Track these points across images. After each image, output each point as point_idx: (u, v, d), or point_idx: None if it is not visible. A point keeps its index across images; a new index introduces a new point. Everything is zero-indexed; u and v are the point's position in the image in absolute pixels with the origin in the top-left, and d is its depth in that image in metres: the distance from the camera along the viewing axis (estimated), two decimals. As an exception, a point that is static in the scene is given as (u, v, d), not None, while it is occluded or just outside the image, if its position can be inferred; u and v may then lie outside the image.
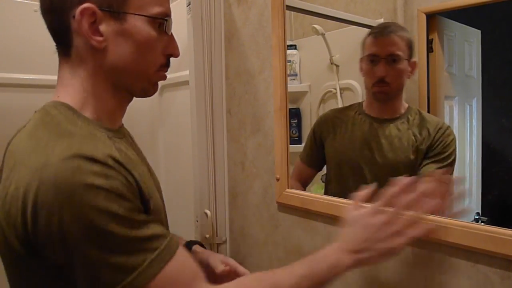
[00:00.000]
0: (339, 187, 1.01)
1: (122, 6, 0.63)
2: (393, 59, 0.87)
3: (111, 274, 0.52)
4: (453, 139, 0.81)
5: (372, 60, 0.90)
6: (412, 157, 0.86)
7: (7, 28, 1.32)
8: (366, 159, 0.93)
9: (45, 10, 0.63)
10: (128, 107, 0.87)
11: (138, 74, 0.68)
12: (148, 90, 0.71)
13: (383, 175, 0.82)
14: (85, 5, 0.60)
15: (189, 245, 0.91)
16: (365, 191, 0.72)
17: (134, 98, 0.77)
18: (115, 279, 0.52)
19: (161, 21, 0.66)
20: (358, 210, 0.69)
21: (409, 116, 0.88)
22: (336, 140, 1.02)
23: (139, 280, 0.52)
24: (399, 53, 0.86)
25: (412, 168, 0.85)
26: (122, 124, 0.75)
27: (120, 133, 0.71)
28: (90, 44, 0.62)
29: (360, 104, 1.00)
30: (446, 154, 0.81)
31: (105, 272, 0.52)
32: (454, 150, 0.80)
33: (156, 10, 0.65)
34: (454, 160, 0.80)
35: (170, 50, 0.70)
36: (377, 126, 0.93)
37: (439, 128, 0.82)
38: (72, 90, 0.65)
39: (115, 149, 0.58)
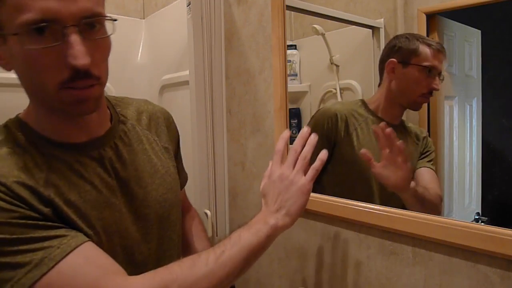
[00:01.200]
0: (358, 189, 0.97)
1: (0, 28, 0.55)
2: (440, 77, 0.86)
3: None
4: (431, 141, 0.88)
5: (430, 71, 0.86)
6: (416, 158, 0.89)
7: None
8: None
9: None
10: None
11: (41, 95, 0.59)
12: (66, 110, 0.60)
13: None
14: None
15: None
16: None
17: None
18: (4, 276, 0.52)
19: (38, 28, 0.52)
20: (270, 173, 0.75)
21: (405, 124, 0.92)
22: (358, 142, 0.97)
23: (27, 279, 0.52)
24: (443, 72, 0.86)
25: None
26: (108, 132, 0.69)
27: (81, 147, 0.65)
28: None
29: (364, 103, 0.98)
30: (429, 150, 0.87)
31: None
32: (432, 146, 0.87)
33: (20, 20, 0.52)
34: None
35: (66, 61, 0.54)
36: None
37: (422, 131, 0.89)
38: (27, 108, 0.65)
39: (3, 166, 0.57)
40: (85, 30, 0.56)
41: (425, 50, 0.87)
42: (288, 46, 1.06)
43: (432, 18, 0.83)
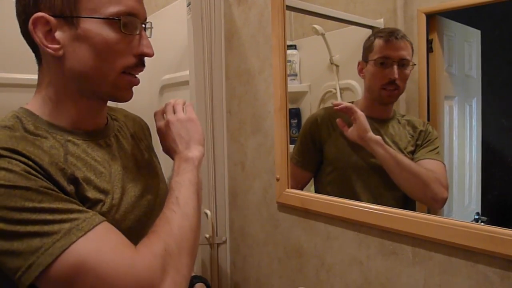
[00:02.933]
0: (343, 188, 1.00)
1: (74, 10, 0.62)
2: (403, 63, 0.88)
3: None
4: (433, 130, 0.89)
5: (382, 62, 0.90)
6: (411, 151, 0.90)
7: (7, 28, 1.32)
8: (374, 157, 0.94)
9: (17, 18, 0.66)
10: (127, 108, 0.88)
11: (98, 78, 0.66)
12: (114, 95, 0.69)
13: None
14: (37, 14, 0.61)
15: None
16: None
17: (134, 98, 0.76)
18: (30, 247, 0.53)
19: (122, 21, 0.63)
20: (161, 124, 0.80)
21: (398, 117, 0.94)
22: (339, 141, 1.01)
23: (55, 248, 0.52)
24: (408, 58, 0.87)
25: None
26: (107, 125, 0.75)
27: (91, 135, 0.70)
28: (48, 52, 0.63)
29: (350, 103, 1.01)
30: (431, 140, 0.89)
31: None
32: (437, 138, 0.88)
33: (111, 10, 0.63)
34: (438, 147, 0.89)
35: (140, 50, 0.67)
36: (378, 126, 0.94)
37: (424, 123, 0.90)
38: (34, 100, 0.68)
39: (16, 143, 0.57)
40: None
41: (378, 43, 0.92)
42: (288, 46, 1.06)
43: (432, 18, 0.83)
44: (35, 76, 0.68)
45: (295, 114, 1.15)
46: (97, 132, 0.71)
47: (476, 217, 0.78)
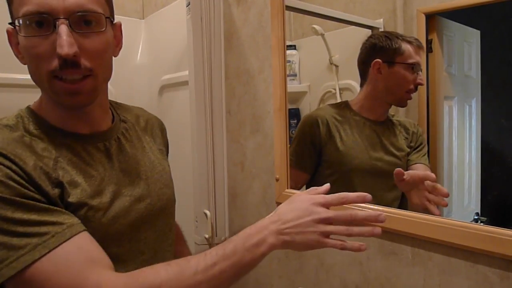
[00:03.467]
0: (344, 190, 0.99)
1: (12, 18, 0.61)
2: (421, 69, 0.88)
3: None
4: (422, 132, 0.91)
5: (413, 67, 0.88)
6: (407, 153, 0.91)
7: (7, 28, 1.32)
8: (376, 160, 0.94)
9: None
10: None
11: (40, 86, 0.64)
12: (62, 103, 0.64)
13: (390, 174, 0.85)
14: (7, 27, 0.64)
15: None
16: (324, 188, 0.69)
17: (133, 98, 0.77)
18: None
19: (31, 21, 0.58)
20: (307, 194, 0.67)
21: (390, 118, 0.94)
22: (341, 143, 0.99)
23: (19, 262, 0.53)
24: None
25: (406, 162, 0.92)
26: (112, 127, 0.73)
27: (88, 138, 0.68)
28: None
29: (347, 104, 1.00)
30: (423, 144, 0.89)
31: None
32: (425, 140, 0.89)
33: (22, 11, 0.58)
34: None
35: (57, 50, 0.58)
36: (376, 128, 0.94)
37: (414, 125, 0.91)
38: (38, 99, 0.69)
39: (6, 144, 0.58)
40: (78, 24, 0.61)
41: (407, 47, 0.89)
42: (287, 46, 1.06)
43: (432, 18, 0.83)
44: (35, 76, 0.69)
45: (294, 114, 1.15)
46: (96, 135, 0.70)
47: (476, 217, 0.78)
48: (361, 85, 0.98)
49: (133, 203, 0.70)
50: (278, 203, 1.09)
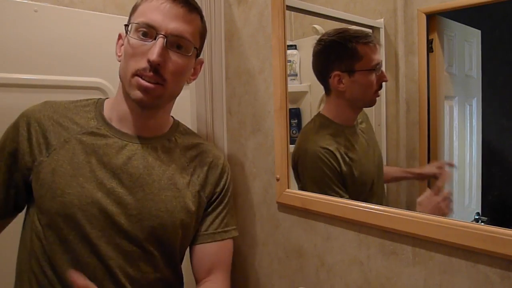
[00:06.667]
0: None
1: (128, 21, 0.83)
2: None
3: None
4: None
5: (375, 69, 0.86)
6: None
7: (7, 28, 1.32)
8: (373, 165, 0.94)
9: None
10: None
11: (123, 80, 0.81)
12: (131, 95, 0.79)
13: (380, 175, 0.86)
14: (119, 32, 0.87)
15: None
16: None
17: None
18: None
19: (142, 29, 0.78)
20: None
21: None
22: (359, 164, 0.93)
23: None
24: None
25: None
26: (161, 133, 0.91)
27: (124, 136, 0.84)
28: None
29: (324, 117, 0.97)
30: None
31: None
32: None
33: (138, 19, 0.79)
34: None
35: (148, 55, 0.76)
36: (348, 134, 0.94)
37: (363, 116, 0.91)
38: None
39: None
40: (172, 44, 0.80)
41: (364, 50, 0.85)
42: (288, 46, 1.06)
43: (432, 18, 0.83)
44: (35, 76, 0.69)
45: (295, 114, 1.15)
46: (134, 137, 0.85)
47: (476, 217, 0.78)
48: (326, 94, 0.96)
49: (100, 191, 0.78)
50: (279, 203, 1.09)
